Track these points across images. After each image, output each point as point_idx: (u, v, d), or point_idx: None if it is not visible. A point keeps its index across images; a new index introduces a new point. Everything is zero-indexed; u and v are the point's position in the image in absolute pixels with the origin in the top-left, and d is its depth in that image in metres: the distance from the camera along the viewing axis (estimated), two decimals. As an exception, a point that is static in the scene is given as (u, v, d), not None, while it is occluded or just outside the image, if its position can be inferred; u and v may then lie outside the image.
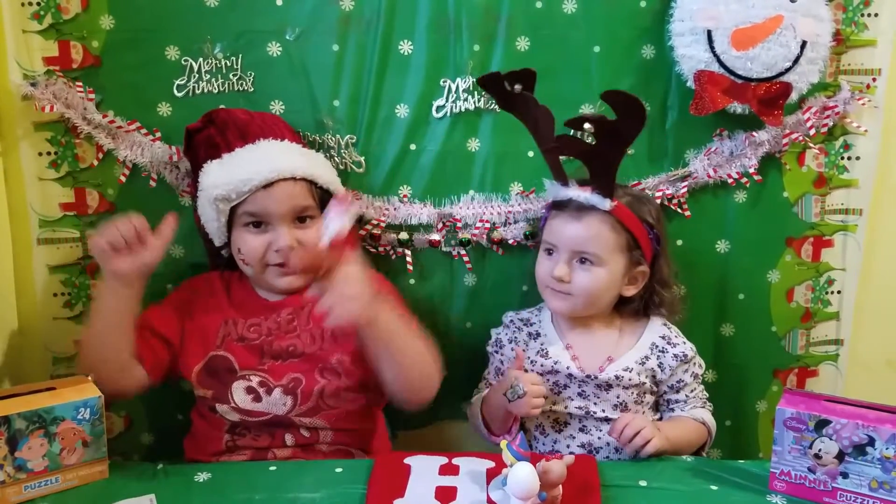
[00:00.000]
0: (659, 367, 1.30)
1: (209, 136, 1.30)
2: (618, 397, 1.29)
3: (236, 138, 1.28)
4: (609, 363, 1.30)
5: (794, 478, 1.07)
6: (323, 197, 1.29)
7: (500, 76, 1.22)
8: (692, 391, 1.32)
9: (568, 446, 1.30)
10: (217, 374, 1.27)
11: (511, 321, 1.40)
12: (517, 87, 1.19)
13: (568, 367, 1.30)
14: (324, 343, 1.29)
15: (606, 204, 1.24)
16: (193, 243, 1.42)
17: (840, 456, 1.04)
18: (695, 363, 1.32)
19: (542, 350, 1.33)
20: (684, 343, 1.33)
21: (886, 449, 1.00)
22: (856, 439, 1.02)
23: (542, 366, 1.31)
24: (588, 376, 1.29)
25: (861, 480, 1.03)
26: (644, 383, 1.29)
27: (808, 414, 1.05)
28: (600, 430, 1.29)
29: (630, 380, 1.28)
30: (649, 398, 1.32)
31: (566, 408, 1.30)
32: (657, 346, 1.31)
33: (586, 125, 1.19)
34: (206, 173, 1.27)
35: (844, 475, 1.04)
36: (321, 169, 1.32)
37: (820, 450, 1.05)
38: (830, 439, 1.04)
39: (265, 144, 1.28)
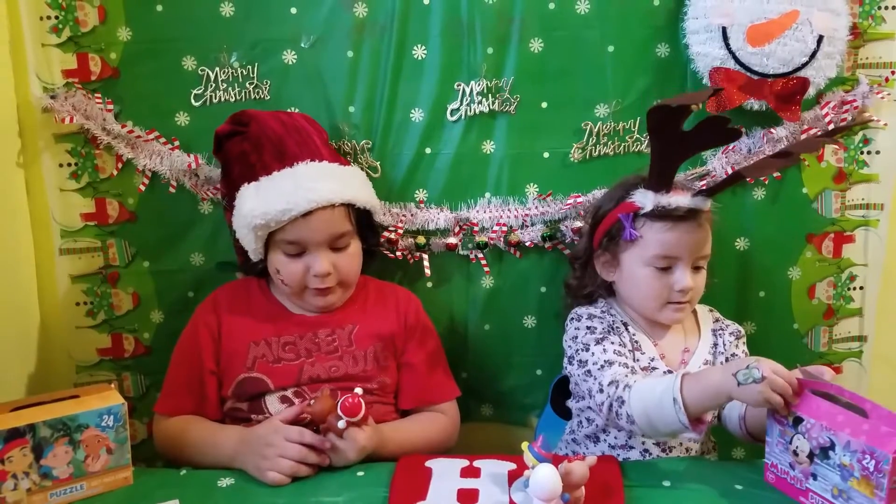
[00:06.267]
0: (722, 346, 1.29)
1: (243, 152, 1.27)
2: None
3: (272, 159, 1.25)
4: (688, 355, 1.27)
5: (780, 471, 1.05)
6: (360, 217, 1.30)
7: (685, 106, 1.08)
8: None
9: (643, 443, 1.26)
10: (249, 392, 1.26)
11: (593, 314, 1.28)
12: (694, 107, 1.13)
13: (652, 360, 1.25)
14: (367, 365, 1.29)
15: (709, 204, 1.23)
16: (213, 249, 1.44)
17: (811, 456, 0.99)
18: (743, 341, 1.31)
19: (636, 343, 1.26)
20: (733, 323, 1.33)
21: (843, 456, 0.94)
22: (821, 441, 0.97)
23: (637, 361, 1.25)
24: (668, 371, 1.25)
25: (825, 485, 0.98)
26: None
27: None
28: None
29: None
30: None
31: None
32: (715, 331, 1.31)
33: None
34: (242, 198, 1.25)
35: (814, 476, 0.99)
36: (358, 190, 1.30)
37: (797, 447, 1.01)
38: (803, 437, 1.00)
39: (302, 169, 1.24)
